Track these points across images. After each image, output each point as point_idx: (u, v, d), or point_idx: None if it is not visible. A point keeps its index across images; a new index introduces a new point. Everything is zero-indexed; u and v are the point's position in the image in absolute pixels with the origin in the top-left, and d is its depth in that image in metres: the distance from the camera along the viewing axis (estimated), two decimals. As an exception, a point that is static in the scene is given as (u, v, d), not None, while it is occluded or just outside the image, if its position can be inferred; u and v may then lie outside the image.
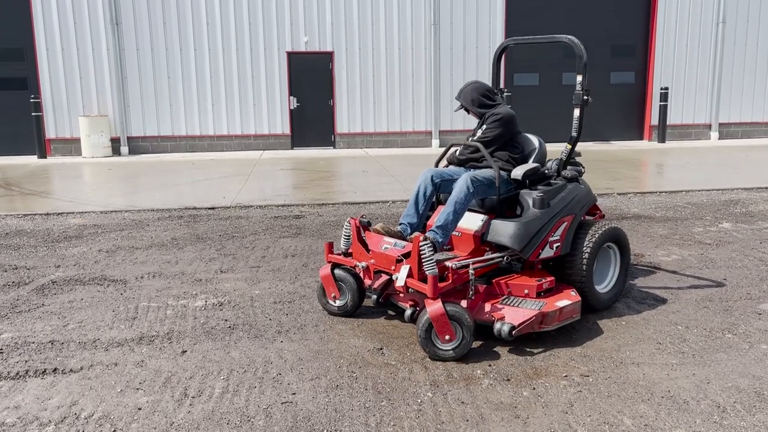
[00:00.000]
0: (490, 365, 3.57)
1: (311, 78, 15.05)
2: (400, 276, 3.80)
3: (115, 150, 14.58)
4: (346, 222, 4.27)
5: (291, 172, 11.66)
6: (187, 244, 6.44)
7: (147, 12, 14.26)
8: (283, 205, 8.35)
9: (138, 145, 14.76)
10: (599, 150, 14.39)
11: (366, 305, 4.48)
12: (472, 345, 3.69)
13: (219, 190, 9.57)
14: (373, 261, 4.05)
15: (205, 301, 4.71)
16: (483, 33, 15.22)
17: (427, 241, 3.70)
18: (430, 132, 15.46)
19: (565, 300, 3.93)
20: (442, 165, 4.67)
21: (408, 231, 4.21)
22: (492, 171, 4.20)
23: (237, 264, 5.70)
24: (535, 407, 3.11)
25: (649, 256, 5.79)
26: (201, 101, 14.73)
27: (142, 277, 5.32)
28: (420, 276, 3.74)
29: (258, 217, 7.68)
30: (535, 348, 3.79)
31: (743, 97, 16.40)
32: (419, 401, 3.18)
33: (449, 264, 3.79)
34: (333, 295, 4.33)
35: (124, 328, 4.21)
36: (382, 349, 3.80)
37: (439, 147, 15.25)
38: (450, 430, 2.91)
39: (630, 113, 16.41)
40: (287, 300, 4.72)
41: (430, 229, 4.06)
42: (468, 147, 4.44)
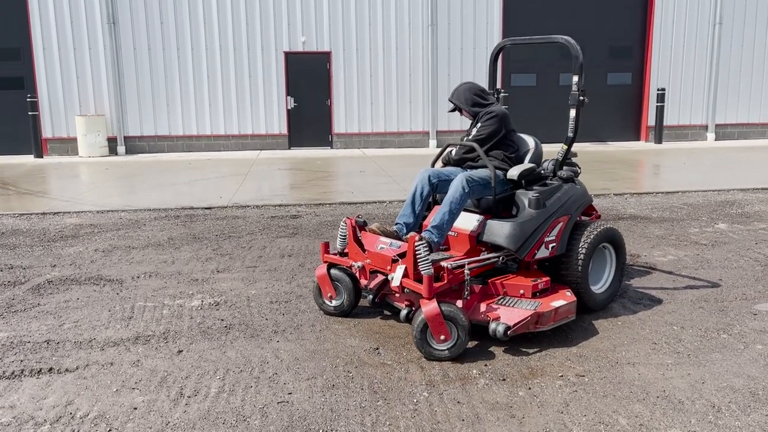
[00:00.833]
0: (485, 365, 3.57)
1: (308, 78, 15.04)
2: (395, 276, 3.80)
3: (112, 150, 14.56)
4: (342, 222, 4.27)
5: (288, 172, 11.66)
6: (184, 243, 6.44)
7: (144, 11, 14.24)
8: (280, 205, 8.35)
9: (135, 145, 14.73)
10: (596, 150, 14.41)
11: (362, 305, 4.49)
12: (467, 345, 3.70)
13: (216, 189, 9.56)
14: (369, 261, 4.05)
15: (202, 301, 4.71)
16: (480, 34, 15.23)
17: (423, 241, 3.71)
18: (427, 132, 15.47)
19: (561, 300, 3.93)
20: (438, 165, 4.68)
21: (404, 231, 4.21)
22: (488, 171, 4.21)
23: (233, 264, 5.69)
24: (531, 407, 3.11)
25: (645, 256, 5.80)
26: (198, 101, 14.72)
27: (138, 277, 5.32)
28: (415, 276, 3.74)
29: (255, 217, 7.67)
30: (531, 348, 3.80)
31: (740, 99, 16.45)
32: (415, 401, 3.18)
33: (445, 264, 3.79)
34: (329, 295, 4.33)
35: (120, 327, 4.20)
36: (378, 349, 3.80)
37: (437, 147, 15.25)
38: (446, 429, 2.92)
39: (627, 114, 16.44)
40: (284, 300, 4.71)
41: (425, 229, 4.07)
42: (463, 147, 4.45)
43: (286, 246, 6.30)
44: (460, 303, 3.79)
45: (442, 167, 4.57)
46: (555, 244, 4.16)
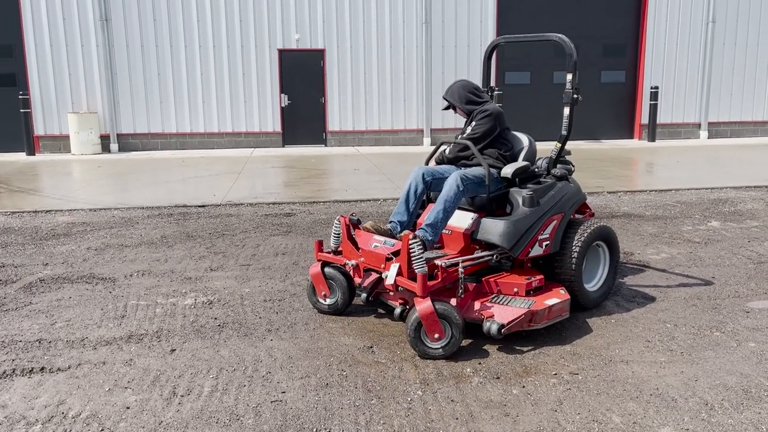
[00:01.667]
0: (479, 363, 3.57)
1: (302, 75, 15.01)
2: (389, 274, 3.80)
3: (105, 147, 14.49)
4: (335, 220, 4.26)
5: (282, 169, 11.63)
6: (177, 242, 6.41)
7: (137, 8, 14.17)
8: (274, 203, 8.33)
9: (128, 143, 14.67)
10: (590, 149, 14.44)
11: (356, 303, 4.48)
12: (461, 343, 3.70)
13: (209, 187, 9.53)
14: (363, 259, 4.04)
15: (195, 300, 4.69)
16: (474, 31, 15.23)
17: (417, 240, 3.70)
18: (421, 130, 15.47)
19: (555, 298, 3.94)
20: (432, 163, 4.67)
21: (398, 229, 4.20)
22: (482, 169, 4.20)
23: (227, 262, 5.67)
24: (525, 405, 3.11)
25: (639, 254, 5.81)
26: (191, 98, 14.66)
27: (131, 276, 5.29)
28: (409, 274, 3.73)
29: (248, 215, 7.65)
30: (525, 346, 3.80)
31: (732, 97, 16.52)
32: (409, 399, 3.17)
33: (439, 262, 3.78)
34: (323, 294, 4.32)
35: (112, 326, 4.18)
36: (372, 348, 3.80)
37: (431, 145, 15.26)
38: (440, 428, 2.91)
39: (620, 112, 16.48)
40: (277, 298, 4.70)
41: (419, 228, 4.06)
42: (458, 145, 4.44)
43: (279, 244, 6.29)
44: (454, 301, 3.79)
45: (436, 165, 4.57)
46: (549, 242, 4.17)
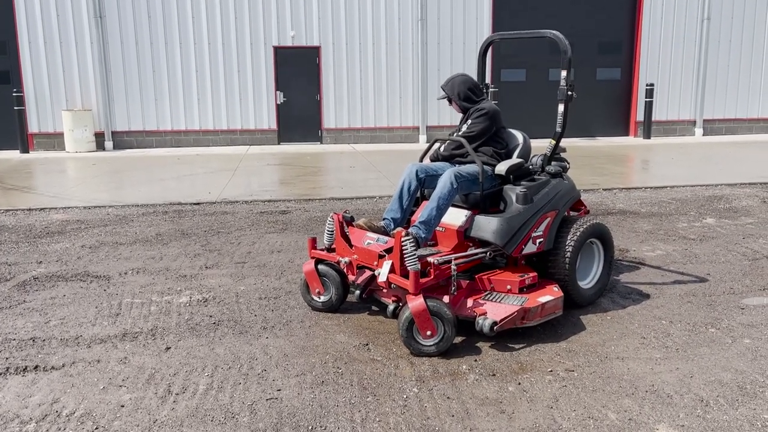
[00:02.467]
0: (475, 360, 3.57)
1: (298, 73, 14.97)
2: (382, 271, 3.79)
3: (99, 145, 14.42)
4: (329, 217, 4.26)
5: (277, 167, 11.61)
6: (172, 239, 6.39)
7: (131, 5, 14.10)
8: (270, 201, 8.31)
9: (122, 140, 14.61)
10: (585, 146, 14.45)
11: (351, 301, 4.47)
12: (454, 340, 3.69)
13: (204, 185, 9.50)
14: (356, 256, 4.04)
15: (190, 297, 4.67)
16: (470, 28, 15.22)
17: (410, 237, 3.69)
18: (417, 127, 15.45)
19: (548, 296, 3.93)
20: (426, 160, 4.66)
21: (391, 226, 4.19)
22: (476, 167, 4.20)
23: (222, 260, 5.66)
24: (521, 402, 3.11)
25: (634, 251, 5.82)
26: (186, 96, 14.61)
27: (125, 273, 5.27)
28: (402, 271, 3.72)
29: (244, 213, 7.63)
30: (521, 343, 3.80)
31: (727, 94, 16.54)
32: (405, 397, 3.17)
33: (431, 259, 3.78)
34: (317, 291, 4.32)
35: (107, 324, 4.16)
36: (367, 345, 3.79)
37: (427, 142, 15.24)
38: (435, 425, 2.91)
39: (616, 109, 16.49)
40: (273, 296, 4.69)
41: (413, 225, 4.05)
42: (453, 143, 4.43)
43: (275, 242, 6.27)
44: (447, 298, 3.79)
45: (430, 162, 4.56)
46: (542, 239, 4.16)
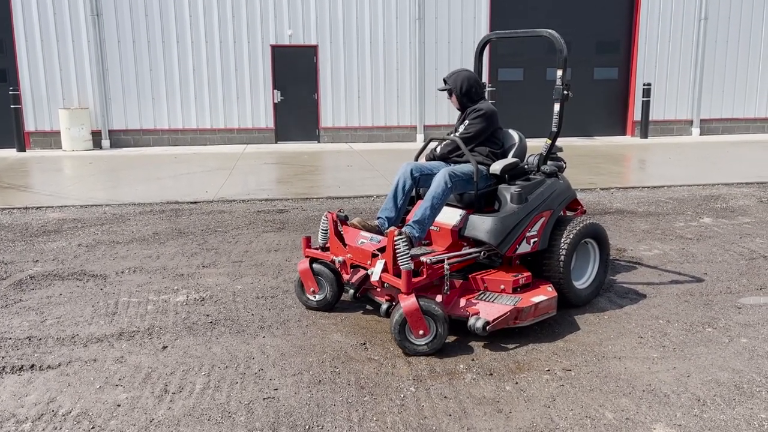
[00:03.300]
0: (472, 360, 3.57)
1: (295, 71, 14.95)
2: (375, 271, 3.79)
3: (96, 143, 14.38)
4: (323, 216, 4.25)
5: (275, 166, 11.59)
6: (169, 238, 6.38)
7: (129, 3, 14.06)
8: (267, 200, 8.30)
9: (119, 139, 14.58)
10: (582, 145, 14.46)
11: (347, 300, 4.46)
12: (452, 339, 3.68)
13: (202, 184, 9.48)
14: (350, 255, 4.04)
15: (187, 296, 4.66)
16: (468, 27, 15.21)
17: (402, 236, 3.69)
18: (414, 127, 15.44)
19: (541, 296, 3.92)
20: (423, 159, 4.66)
21: (385, 225, 4.19)
22: (471, 166, 4.19)
23: (219, 259, 5.64)
24: (518, 401, 3.11)
25: (632, 250, 5.82)
26: (184, 94, 14.58)
27: (122, 272, 5.26)
28: (395, 271, 3.72)
29: (241, 212, 7.62)
30: (518, 342, 3.80)
31: (724, 94, 16.58)
32: (402, 396, 3.17)
33: (424, 259, 3.77)
34: (312, 290, 4.31)
35: (103, 323, 4.15)
36: (365, 344, 3.79)
37: (424, 141, 15.23)
38: (433, 424, 2.91)
39: (613, 109, 16.51)
40: (270, 295, 4.68)
41: (406, 224, 4.04)
42: (449, 143, 4.42)
43: (272, 241, 6.26)
44: (439, 298, 3.78)
45: (426, 161, 4.55)
46: (537, 239, 4.15)
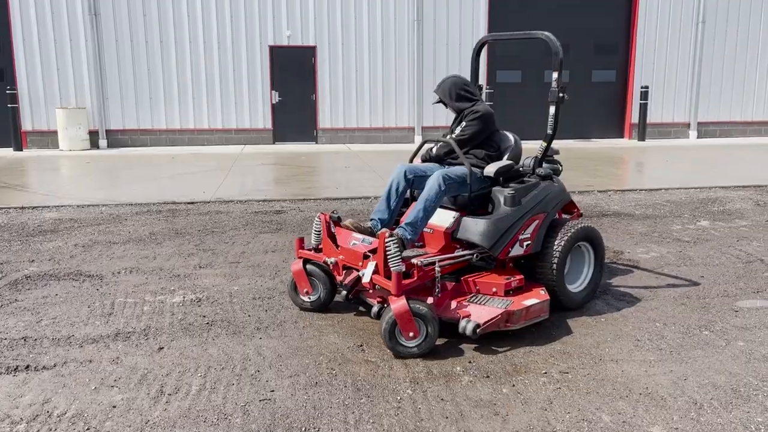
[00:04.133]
0: (469, 362, 3.56)
1: (293, 72, 14.94)
2: (366, 272, 3.78)
3: (94, 143, 14.35)
4: (316, 217, 4.25)
5: (272, 167, 11.58)
6: (166, 239, 6.36)
7: (126, 2, 14.03)
8: (264, 200, 8.28)
9: (117, 139, 14.54)
10: (580, 147, 14.48)
11: (341, 301, 4.46)
12: (436, 342, 3.66)
13: (199, 184, 9.47)
14: (342, 257, 4.03)
15: (183, 297, 4.65)
16: (466, 29, 15.21)
17: (393, 238, 3.68)
18: (412, 128, 15.44)
19: (533, 299, 3.91)
20: (418, 160, 4.65)
21: (378, 227, 4.18)
22: (465, 168, 4.18)
23: (216, 259, 5.63)
24: (515, 404, 3.10)
25: (629, 253, 5.83)
26: (181, 94, 14.55)
27: (118, 273, 5.24)
28: (386, 273, 3.71)
29: (238, 212, 7.60)
30: (515, 345, 3.79)
31: (722, 97, 16.60)
32: (399, 398, 3.16)
33: (415, 261, 3.77)
34: (305, 291, 4.31)
35: (99, 324, 4.14)
36: (362, 346, 3.78)
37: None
38: (429, 427, 2.90)
39: (611, 111, 16.53)
40: (266, 296, 4.67)
41: (399, 226, 4.03)
42: (445, 145, 4.42)
43: (269, 241, 6.25)
44: (431, 300, 3.77)
45: (421, 163, 4.55)
46: (530, 242, 4.14)
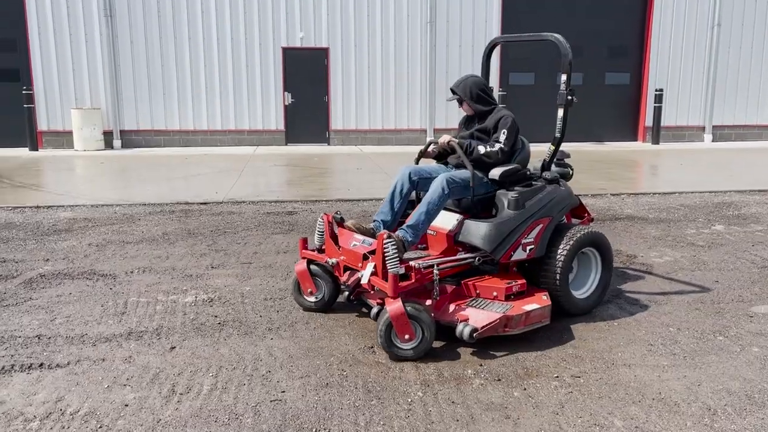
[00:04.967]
0: (480, 365, 3.55)
1: (306, 74, 14.98)
2: (364, 273, 3.78)
3: (108, 143, 14.47)
4: (319, 218, 4.26)
5: (284, 168, 11.62)
6: (179, 239, 6.40)
7: (141, 3, 14.15)
8: (276, 201, 8.31)
9: (131, 139, 14.66)
10: (593, 150, 14.40)
11: (343, 302, 4.47)
12: (432, 345, 3.64)
13: (211, 185, 9.52)
14: (343, 257, 4.04)
15: (195, 297, 4.67)
16: (479, 31, 15.18)
17: (392, 239, 3.67)
18: (424, 130, 15.43)
19: (534, 304, 3.87)
20: (423, 162, 4.64)
21: (380, 228, 4.17)
22: (468, 171, 4.16)
23: (228, 260, 5.65)
24: (526, 408, 3.09)
25: (642, 257, 5.78)
26: (195, 96, 14.64)
27: (131, 272, 5.28)
28: (384, 274, 3.70)
29: (250, 213, 7.63)
30: (527, 348, 3.77)
31: (737, 100, 16.45)
32: (409, 401, 3.15)
33: (414, 263, 3.75)
34: (309, 291, 4.33)
35: (112, 323, 4.17)
36: (372, 348, 3.78)
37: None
38: (440, 429, 2.89)
39: (624, 114, 16.43)
40: (278, 297, 4.68)
41: (400, 228, 4.02)
42: (495, 153, 4.21)
43: (281, 242, 6.27)
44: (429, 303, 3.75)
45: (430, 162, 4.53)
46: (533, 246, 4.09)
